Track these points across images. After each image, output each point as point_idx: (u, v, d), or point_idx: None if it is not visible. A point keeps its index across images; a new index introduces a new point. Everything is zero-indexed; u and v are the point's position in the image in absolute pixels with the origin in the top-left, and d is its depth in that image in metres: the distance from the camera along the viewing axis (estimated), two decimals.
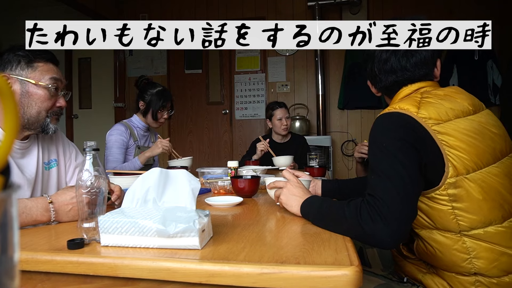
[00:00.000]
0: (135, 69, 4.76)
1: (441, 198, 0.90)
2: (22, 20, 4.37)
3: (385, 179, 0.84)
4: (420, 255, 1.01)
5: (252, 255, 0.66)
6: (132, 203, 0.78)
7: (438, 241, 0.93)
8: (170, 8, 4.71)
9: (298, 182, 1.06)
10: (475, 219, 0.88)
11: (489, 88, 4.00)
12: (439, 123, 0.91)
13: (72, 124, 4.99)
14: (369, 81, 1.20)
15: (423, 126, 0.90)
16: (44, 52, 1.21)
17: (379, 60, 1.10)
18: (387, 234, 0.79)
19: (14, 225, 0.24)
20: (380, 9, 4.31)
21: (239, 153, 4.39)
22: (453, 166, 0.88)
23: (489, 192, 0.88)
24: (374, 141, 0.92)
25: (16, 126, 0.28)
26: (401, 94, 1.07)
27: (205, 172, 1.89)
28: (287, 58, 4.47)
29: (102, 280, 0.66)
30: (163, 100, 2.25)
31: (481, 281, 0.90)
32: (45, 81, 1.18)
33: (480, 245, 0.89)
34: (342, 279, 0.58)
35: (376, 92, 1.19)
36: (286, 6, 4.47)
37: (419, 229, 0.97)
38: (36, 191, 1.24)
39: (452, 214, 0.89)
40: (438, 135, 0.89)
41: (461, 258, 0.91)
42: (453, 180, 0.88)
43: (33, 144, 1.27)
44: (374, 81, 1.15)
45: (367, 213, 0.81)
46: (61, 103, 1.24)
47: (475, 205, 0.88)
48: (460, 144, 0.88)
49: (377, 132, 0.93)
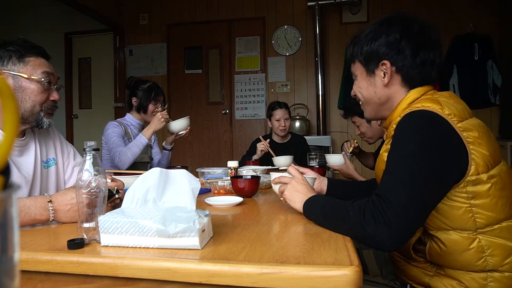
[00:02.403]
0: (135, 69, 4.76)
1: (459, 196, 0.88)
2: (22, 20, 4.36)
3: (397, 180, 0.81)
4: (432, 257, 0.97)
5: (252, 255, 0.66)
6: (132, 203, 0.78)
7: (454, 241, 0.91)
8: (170, 8, 4.71)
9: (303, 179, 1.05)
10: (491, 215, 0.88)
11: (489, 88, 4.00)
12: (462, 120, 0.89)
13: (72, 124, 4.99)
14: (362, 66, 1.05)
15: (449, 124, 0.87)
16: (35, 47, 1.20)
17: (414, 39, 0.98)
18: (388, 237, 0.76)
19: (14, 225, 0.24)
20: (380, 9, 4.31)
21: (239, 153, 4.39)
22: (475, 163, 0.87)
23: (503, 188, 0.89)
24: (399, 140, 0.88)
25: (16, 126, 0.28)
26: (410, 97, 1.00)
27: (205, 172, 1.89)
28: (287, 58, 4.47)
29: (102, 280, 0.66)
30: (154, 92, 2.28)
31: (494, 277, 0.90)
32: (37, 75, 1.17)
33: (495, 242, 0.89)
34: (342, 279, 0.58)
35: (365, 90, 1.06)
36: (286, 6, 4.47)
37: (434, 231, 0.94)
38: (34, 190, 1.23)
39: (470, 212, 0.88)
40: (464, 133, 0.88)
41: (476, 257, 0.90)
42: (473, 178, 0.87)
43: (30, 141, 1.26)
44: (394, 58, 0.99)
45: (370, 214, 0.78)
46: (55, 97, 1.24)
47: (492, 202, 0.88)
48: (481, 141, 0.88)
49: (403, 130, 0.89)
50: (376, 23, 1.05)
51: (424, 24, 1.01)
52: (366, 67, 1.06)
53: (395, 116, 1.01)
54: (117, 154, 2.08)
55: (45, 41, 4.45)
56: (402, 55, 0.99)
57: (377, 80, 1.04)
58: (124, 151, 2.07)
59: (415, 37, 0.99)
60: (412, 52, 0.98)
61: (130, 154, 2.06)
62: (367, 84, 1.07)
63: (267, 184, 1.57)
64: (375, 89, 1.05)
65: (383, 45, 1.00)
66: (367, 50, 1.03)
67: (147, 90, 2.28)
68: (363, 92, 1.09)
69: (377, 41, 1.01)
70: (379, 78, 1.03)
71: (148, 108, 2.27)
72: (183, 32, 4.68)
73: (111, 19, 4.54)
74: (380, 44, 1.01)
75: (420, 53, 0.98)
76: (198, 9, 4.65)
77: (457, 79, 4.08)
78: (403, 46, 0.98)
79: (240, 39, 4.57)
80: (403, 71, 1.00)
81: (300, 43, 4.43)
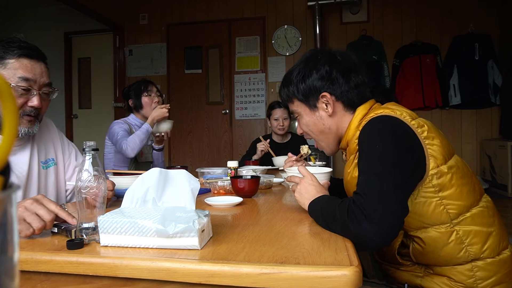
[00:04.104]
0: (135, 69, 4.76)
1: (428, 191, 0.93)
2: (22, 19, 4.36)
3: (372, 177, 0.85)
4: (417, 258, 1.01)
5: (252, 255, 0.66)
6: (132, 203, 0.78)
7: (433, 238, 0.94)
8: (170, 8, 4.71)
9: (312, 179, 1.05)
10: (460, 204, 0.93)
11: (489, 88, 4.00)
12: (413, 118, 0.96)
13: (72, 124, 4.99)
14: (299, 100, 1.10)
15: (405, 123, 0.93)
16: (20, 47, 1.11)
17: (342, 67, 1.06)
18: (373, 233, 0.77)
19: (14, 225, 0.24)
20: (380, 9, 4.31)
21: (239, 153, 4.39)
22: (433, 157, 0.92)
23: (463, 176, 0.95)
24: (366, 145, 0.92)
25: (16, 126, 0.28)
26: (358, 115, 1.05)
27: (205, 172, 1.89)
28: (287, 58, 4.47)
29: (101, 280, 0.66)
30: (143, 86, 2.32)
31: (478, 265, 0.94)
32: (12, 80, 1.09)
33: (470, 230, 0.93)
34: (342, 279, 0.58)
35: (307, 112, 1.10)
36: (286, 6, 4.48)
37: (413, 231, 0.97)
38: (30, 191, 1.22)
39: (441, 205, 0.93)
40: (418, 129, 0.93)
41: (457, 249, 0.93)
42: (435, 171, 0.92)
43: (26, 142, 1.24)
44: (331, 88, 1.06)
45: (352, 212, 0.80)
46: (34, 103, 1.13)
47: (457, 191, 0.93)
48: (434, 135, 0.95)
49: (368, 135, 0.94)
50: (301, 63, 1.12)
51: (342, 53, 1.10)
52: (307, 104, 1.10)
53: (350, 134, 1.06)
54: (124, 142, 2.09)
55: (45, 41, 4.46)
56: (337, 83, 1.05)
57: (321, 112, 1.09)
58: (133, 137, 2.09)
59: (341, 65, 1.06)
60: (344, 78, 1.05)
61: (138, 140, 2.07)
62: (313, 120, 1.11)
63: (267, 184, 1.57)
64: (323, 121, 1.10)
65: (318, 79, 1.06)
66: (304, 88, 1.09)
67: (136, 88, 2.34)
68: (312, 128, 1.13)
69: (310, 77, 1.08)
70: (322, 110, 1.09)
71: (142, 101, 2.30)
72: (183, 32, 4.69)
73: (111, 19, 4.54)
74: (314, 79, 1.07)
75: (352, 77, 1.06)
76: (198, 9, 4.65)
77: (457, 79, 4.08)
78: (334, 75, 1.05)
79: (240, 39, 4.57)
80: (343, 98, 1.06)
81: (300, 43, 4.43)
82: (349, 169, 1.05)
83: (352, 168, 1.02)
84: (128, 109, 2.40)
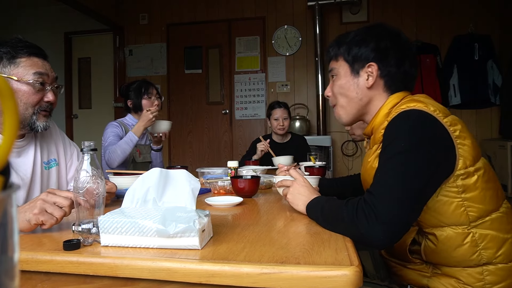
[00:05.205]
0: (135, 69, 4.76)
1: (451, 190, 0.90)
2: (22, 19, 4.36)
3: (389, 177, 0.82)
4: (428, 256, 0.98)
5: (252, 255, 0.66)
6: (132, 203, 0.78)
7: (448, 237, 0.92)
8: (170, 8, 4.71)
9: (304, 181, 1.05)
10: (482, 208, 0.91)
11: (489, 88, 4.00)
12: (446, 116, 0.92)
13: (72, 124, 4.99)
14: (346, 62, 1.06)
15: (437, 119, 0.89)
16: (27, 46, 1.16)
17: (401, 49, 1.03)
18: (381, 233, 0.77)
19: (14, 225, 0.24)
20: (380, 9, 4.31)
21: (239, 153, 4.39)
22: (463, 157, 0.89)
23: (489, 180, 0.93)
24: (392, 140, 0.89)
25: (16, 127, 0.28)
26: (390, 102, 1.02)
27: (205, 172, 1.89)
28: (287, 58, 4.47)
29: (102, 280, 0.66)
30: (144, 88, 2.30)
31: (489, 270, 0.92)
32: (28, 77, 1.14)
33: (487, 234, 0.91)
34: (342, 279, 0.58)
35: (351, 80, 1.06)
36: (286, 6, 4.47)
37: (429, 228, 0.95)
38: (33, 191, 1.23)
39: (462, 206, 0.90)
40: (450, 127, 0.90)
41: (471, 251, 0.91)
42: (462, 171, 0.89)
43: (30, 143, 1.25)
44: (382, 62, 1.02)
45: (362, 211, 0.79)
46: (49, 98, 1.19)
47: (481, 194, 0.91)
48: (466, 135, 0.91)
49: (396, 130, 0.90)
50: (364, 28, 1.08)
51: (408, 41, 1.07)
52: (352, 67, 1.07)
53: (378, 121, 1.03)
54: (107, 151, 2.08)
55: (45, 41, 4.45)
56: (389, 62, 1.03)
57: (361, 81, 1.05)
58: (114, 148, 2.04)
59: (402, 49, 1.04)
60: (397, 61, 1.03)
61: (120, 151, 2.03)
62: (349, 84, 1.07)
63: (267, 184, 1.57)
64: (357, 90, 1.06)
65: (373, 49, 1.03)
66: (356, 51, 1.05)
67: (136, 89, 2.31)
68: (343, 91, 1.09)
69: (367, 44, 1.04)
70: (363, 79, 1.05)
71: (142, 104, 2.29)
72: (183, 32, 4.69)
73: (111, 19, 4.54)
74: (370, 48, 1.04)
75: (405, 65, 1.03)
76: (198, 9, 4.65)
77: (457, 79, 4.08)
78: (391, 54, 1.03)
79: (240, 39, 4.57)
80: (387, 77, 1.04)
81: (300, 43, 4.43)
82: (369, 158, 1.03)
83: (373, 158, 1.00)
84: (126, 109, 2.38)
